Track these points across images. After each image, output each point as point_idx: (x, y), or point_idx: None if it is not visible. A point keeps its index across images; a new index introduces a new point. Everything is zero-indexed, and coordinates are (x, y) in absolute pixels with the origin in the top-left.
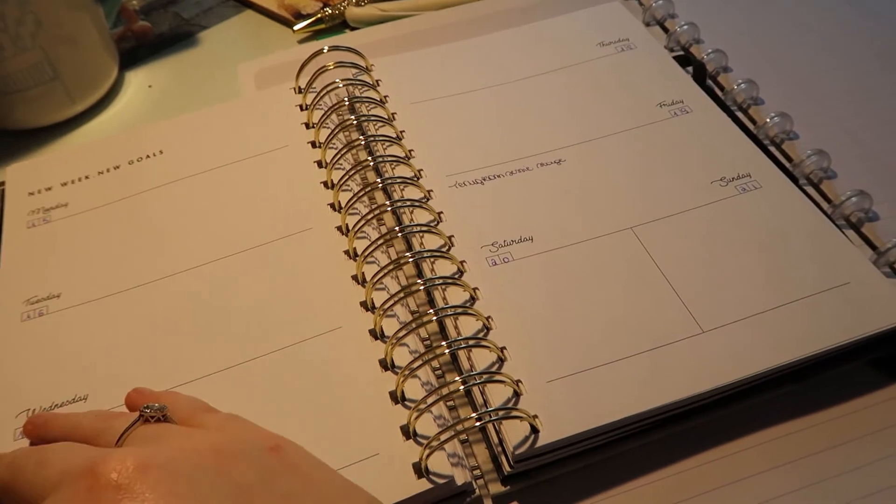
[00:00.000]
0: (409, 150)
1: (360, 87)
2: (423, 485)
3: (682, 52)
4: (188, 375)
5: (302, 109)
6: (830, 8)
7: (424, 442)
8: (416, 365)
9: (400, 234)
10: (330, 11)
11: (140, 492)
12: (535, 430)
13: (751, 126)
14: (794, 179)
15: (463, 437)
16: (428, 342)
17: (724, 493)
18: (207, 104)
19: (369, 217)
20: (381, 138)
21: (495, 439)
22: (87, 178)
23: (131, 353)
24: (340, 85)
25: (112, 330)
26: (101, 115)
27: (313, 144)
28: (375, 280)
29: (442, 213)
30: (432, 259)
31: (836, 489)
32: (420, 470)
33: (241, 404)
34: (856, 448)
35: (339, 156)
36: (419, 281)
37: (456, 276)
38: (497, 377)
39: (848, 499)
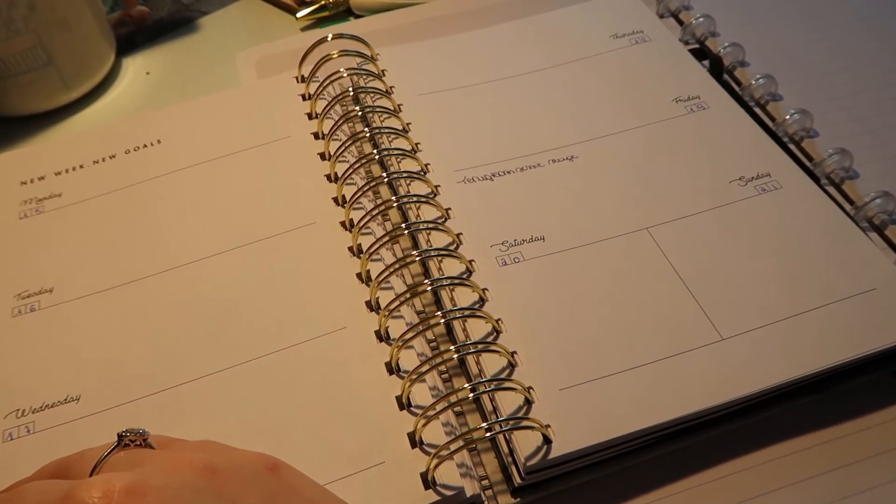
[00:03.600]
0: (416, 144)
1: (364, 76)
2: (431, 496)
3: (697, 46)
4: (186, 376)
5: (305, 99)
6: (852, 1)
7: (432, 451)
8: (423, 369)
9: (406, 231)
10: None
11: None
12: (547, 441)
13: (769, 123)
14: (816, 179)
15: (472, 445)
16: (435, 345)
17: None
18: (207, 92)
19: (374, 213)
20: (386, 130)
21: (505, 449)
22: (81, 167)
23: (127, 352)
24: (345, 74)
25: (107, 327)
26: (96, 103)
27: (316, 135)
28: (381, 279)
29: (450, 209)
30: (440, 258)
31: None
32: (427, 480)
33: (242, 406)
34: (879, 464)
35: (343, 148)
36: (426, 281)
37: (464, 276)
38: (507, 384)
39: None
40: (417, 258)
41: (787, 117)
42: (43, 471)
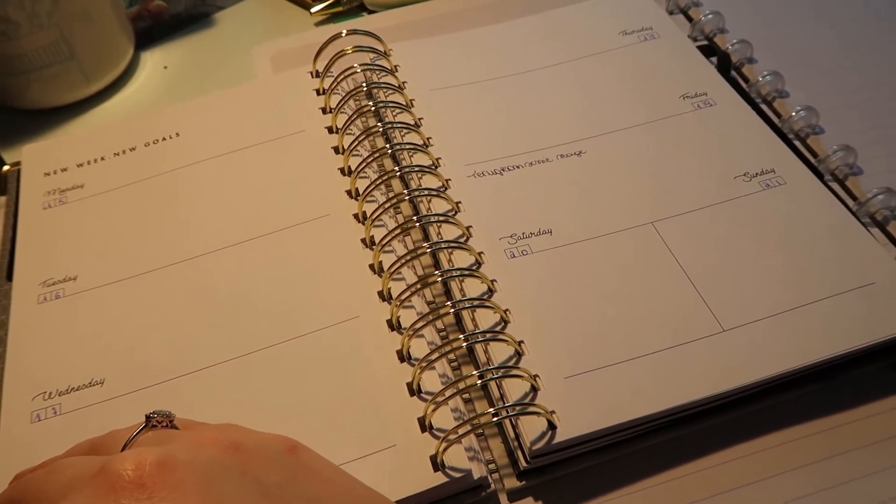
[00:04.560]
0: (428, 138)
1: (378, 72)
2: (439, 478)
3: (705, 42)
4: (204, 361)
5: (319, 94)
6: None
7: (441, 435)
8: (432, 357)
9: (417, 224)
10: None
11: (166, 491)
12: (552, 426)
13: (775, 119)
14: (820, 175)
15: (479, 431)
16: (444, 334)
17: (739, 495)
18: (223, 86)
19: (386, 206)
20: (398, 125)
21: (511, 434)
22: (102, 159)
23: (148, 338)
24: (358, 70)
25: (128, 313)
26: (116, 96)
27: (330, 130)
28: (393, 270)
29: (460, 202)
30: (450, 250)
31: (856, 493)
32: (436, 463)
33: (258, 392)
34: (876, 453)
35: (356, 142)
36: (436, 272)
37: (474, 268)
38: (514, 371)
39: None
40: (428, 250)
41: (794, 114)
42: (75, 449)
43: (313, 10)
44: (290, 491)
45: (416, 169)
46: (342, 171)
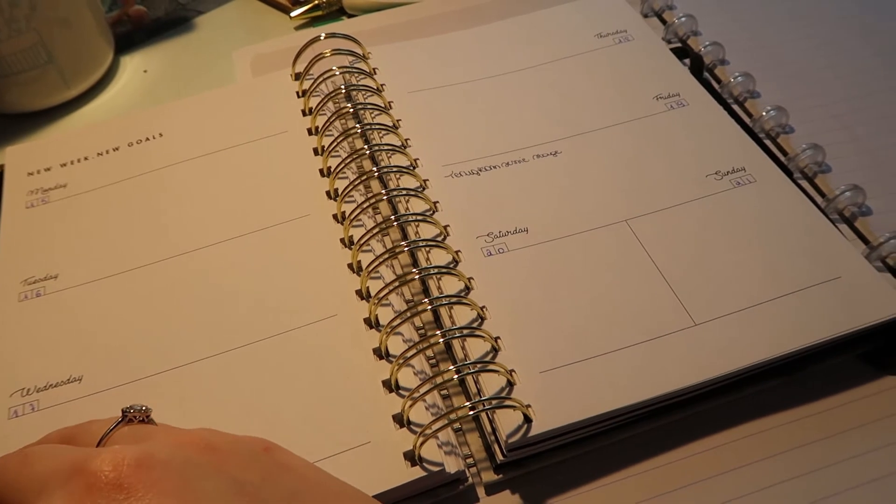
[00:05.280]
0: (406, 139)
1: (356, 74)
2: (416, 472)
3: (679, 45)
4: (182, 359)
5: (299, 96)
6: (831, 1)
7: (418, 430)
8: (410, 354)
9: (395, 223)
10: None
11: (143, 491)
12: (528, 420)
13: (746, 119)
14: (789, 173)
15: (456, 425)
16: (422, 331)
17: (713, 483)
18: (203, 90)
19: (365, 206)
20: (377, 126)
21: (488, 428)
22: (86, 159)
23: (127, 335)
24: (337, 73)
25: (109, 311)
26: (95, 100)
27: (310, 131)
28: (371, 269)
29: (438, 202)
30: (427, 248)
31: (825, 480)
32: (413, 458)
33: (236, 389)
34: (845, 440)
35: (335, 143)
36: (414, 270)
37: (451, 266)
38: (491, 366)
39: (836, 490)
40: (406, 248)
41: (764, 114)
42: (49, 437)
43: (293, 14)
44: (266, 488)
45: (395, 169)
46: (322, 171)
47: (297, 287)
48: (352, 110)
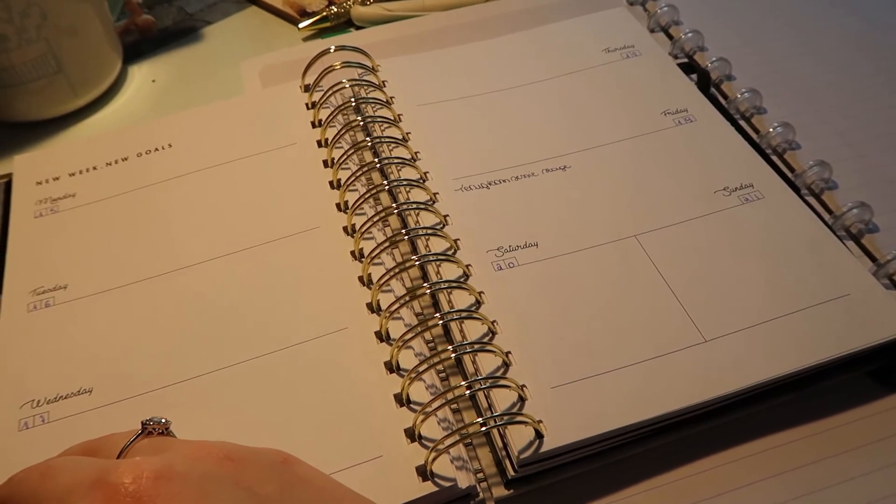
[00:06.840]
0: (416, 152)
1: (366, 87)
2: (428, 487)
3: (686, 60)
4: (193, 371)
5: (309, 108)
6: (836, 18)
7: (429, 445)
8: (421, 368)
9: (406, 237)
10: (335, 10)
11: (162, 502)
12: (539, 435)
13: (753, 135)
14: (797, 189)
15: (467, 440)
16: (433, 345)
17: (725, 500)
18: (211, 100)
19: (375, 219)
20: (387, 139)
21: (500, 443)
22: (95, 168)
23: (137, 347)
24: (347, 85)
25: (118, 323)
26: (104, 110)
27: (320, 143)
28: (381, 282)
29: (448, 216)
30: (438, 262)
31: (833, 499)
32: (424, 473)
33: (246, 402)
34: (853, 458)
35: (345, 156)
36: (425, 284)
37: (461, 280)
38: (502, 382)
39: None
40: (417, 262)
41: (771, 130)
42: (71, 450)
43: (301, 25)
44: (284, 500)
45: (405, 183)
46: (332, 184)
47: (307, 300)
48: (361, 123)
